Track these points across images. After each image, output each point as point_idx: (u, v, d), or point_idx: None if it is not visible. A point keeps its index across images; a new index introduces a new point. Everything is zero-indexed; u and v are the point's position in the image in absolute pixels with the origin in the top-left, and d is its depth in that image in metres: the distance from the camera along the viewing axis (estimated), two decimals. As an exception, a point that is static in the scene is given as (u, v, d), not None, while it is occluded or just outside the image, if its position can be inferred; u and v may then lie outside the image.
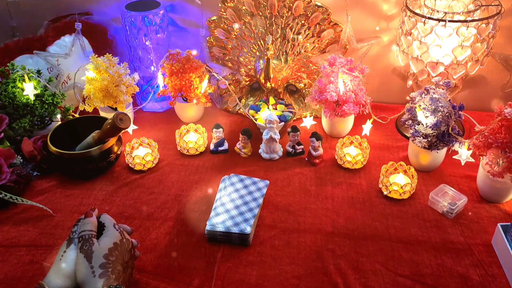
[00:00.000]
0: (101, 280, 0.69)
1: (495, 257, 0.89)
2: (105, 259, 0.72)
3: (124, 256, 0.76)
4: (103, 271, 0.70)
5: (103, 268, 0.71)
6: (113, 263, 0.72)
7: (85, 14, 1.39)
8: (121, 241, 0.76)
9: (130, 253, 0.78)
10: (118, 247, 0.75)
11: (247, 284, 0.85)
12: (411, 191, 1.04)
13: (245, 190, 1.03)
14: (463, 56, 1.10)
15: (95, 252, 0.72)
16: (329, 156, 1.18)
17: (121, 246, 0.76)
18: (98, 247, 0.73)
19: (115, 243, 0.75)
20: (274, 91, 1.31)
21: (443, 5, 1.18)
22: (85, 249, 0.72)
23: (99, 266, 0.71)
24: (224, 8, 1.27)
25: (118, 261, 0.74)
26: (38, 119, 1.17)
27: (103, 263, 0.71)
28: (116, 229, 0.77)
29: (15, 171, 1.04)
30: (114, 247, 0.74)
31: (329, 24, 1.24)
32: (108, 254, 0.73)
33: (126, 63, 1.24)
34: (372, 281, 0.85)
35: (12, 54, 1.24)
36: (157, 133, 1.29)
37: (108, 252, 0.73)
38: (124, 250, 0.76)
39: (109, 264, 0.72)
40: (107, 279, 0.70)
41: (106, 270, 0.71)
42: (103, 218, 0.79)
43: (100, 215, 0.80)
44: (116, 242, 0.75)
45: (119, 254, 0.74)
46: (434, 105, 1.02)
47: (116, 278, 0.71)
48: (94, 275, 0.70)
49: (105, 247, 0.73)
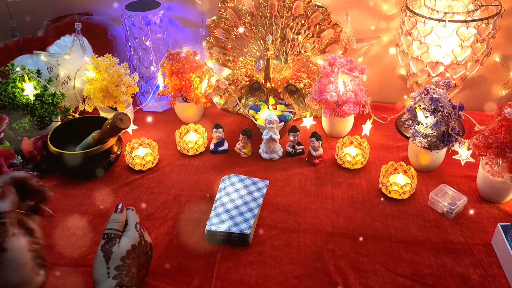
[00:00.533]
0: (114, 281, 0.69)
1: (495, 257, 0.89)
2: (122, 262, 0.71)
3: (140, 258, 0.76)
4: (118, 273, 0.70)
5: (118, 270, 0.71)
6: (129, 266, 0.72)
7: (85, 14, 1.39)
8: (139, 243, 0.76)
9: (146, 255, 0.78)
10: (136, 249, 0.75)
11: (247, 284, 0.85)
12: (411, 191, 1.04)
13: (245, 190, 1.03)
14: (463, 56, 1.10)
15: (114, 254, 0.72)
16: (329, 156, 1.18)
17: (139, 248, 0.75)
18: (117, 249, 0.72)
19: (133, 245, 0.74)
20: (274, 91, 1.31)
21: (443, 5, 1.18)
22: (106, 248, 0.72)
23: (115, 268, 0.71)
24: (224, 8, 1.27)
25: (134, 263, 0.74)
26: (38, 119, 1.17)
27: (119, 265, 0.71)
28: (137, 230, 0.76)
29: (15, 171, 1.04)
30: (132, 249, 0.74)
31: (329, 24, 1.24)
32: (125, 256, 0.72)
33: (126, 63, 1.24)
34: (372, 281, 0.85)
35: (12, 54, 1.24)
36: (157, 133, 1.29)
37: (125, 254, 0.72)
38: (141, 252, 0.76)
39: (124, 266, 0.71)
40: (120, 281, 0.70)
41: (121, 272, 0.71)
42: (128, 214, 0.78)
43: (127, 209, 0.79)
44: (134, 244, 0.75)
45: (136, 256, 0.74)
46: (434, 105, 1.02)
47: (129, 280, 0.71)
48: (109, 276, 0.70)
49: (123, 249, 0.73)
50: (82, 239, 0.94)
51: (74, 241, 0.94)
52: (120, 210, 0.77)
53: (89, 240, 0.94)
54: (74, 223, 0.98)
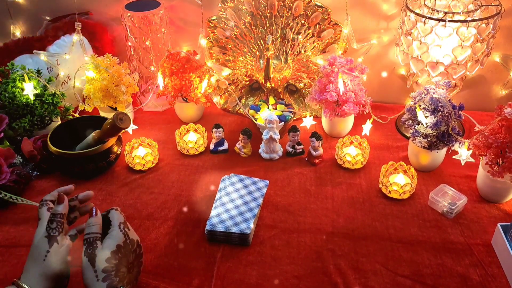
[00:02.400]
0: (104, 284, 0.69)
1: (495, 257, 0.89)
2: (108, 263, 0.71)
3: (129, 257, 0.75)
4: (106, 275, 0.70)
5: (105, 272, 0.70)
6: (116, 266, 0.72)
7: (85, 14, 1.39)
8: (124, 242, 0.75)
9: (135, 253, 0.77)
10: (122, 249, 0.74)
11: (247, 284, 0.85)
12: (411, 191, 1.04)
13: (245, 190, 1.03)
14: (463, 56, 1.10)
15: (97, 257, 0.71)
16: (329, 156, 1.18)
17: (125, 247, 0.75)
18: (101, 251, 0.72)
19: (118, 245, 0.74)
20: (274, 91, 1.31)
21: (443, 5, 1.18)
22: (89, 252, 0.72)
23: (102, 271, 0.70)
24: (224, 8, 1.27)
25: (122, 263, 0.73)
26: (38, 119, 1.17)
27: (105, 267, 0.71)
28: (121, 230, 0.76)
29: (15, 171, 1.04)
30: (117, 250, 0.73)
31: (329, 24, 1.24)
32: (110, 257, 0.72)
33: (126, 63, 1.24)
34: (372, 281, 0.85)
35: (12, 54, 1.24)
36: (157, 133, 1.29)
37: (110, 255, 0.72)
38: (128, 251, 0.75)
39: (112, 267, 0.71)
40: (110, 282, 0.70)
41: (109, 273, 0.71)
42: (111, 215, 0.78)
43: (110, 210, 0.79)
44: (119, 244, 0.74)
45: (123, 256, 0.74)
46: (434, 105, 1.02)
47: (120, 280, 0.71)
48: (97, 279, 0.70)
49: (107, 250, 0.72)
50: (82, 239, 0.94)
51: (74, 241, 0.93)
52: (95, 213, 0.77)
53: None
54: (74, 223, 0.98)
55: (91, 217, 0.77)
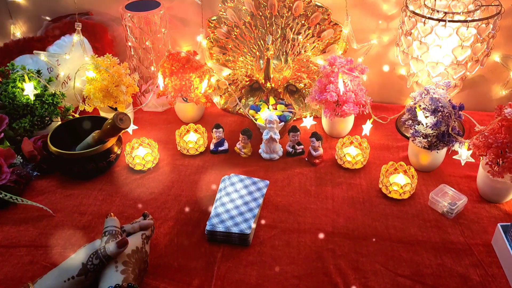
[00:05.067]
0: (122, 276, 0.72)
1: (495, 257, 0.89)
2: (127, 258, 0.75)
3: (140, 264, 0.79)
4: (125, 268, 0.74)
5: (125, 265, 0.74)
6: (133, 265, 0.75)
7: (85, 14, 1.39)
8: (141, 248, 0.80)
9: (145, 264, 0.81)
10: (138, 252, 0.78)
11: (247, 284, 0.85)
12: (411, 191, 1.04)
13: (245, 190, 1.03)
14: (463, 56, 1.10)
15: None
16: (329, 156, 1.18)
17: (140, 252, 0.79)
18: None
19: (137, 247, 0.79)
20: (274, 91, 1.31)
21: (443, 5, 1.18)
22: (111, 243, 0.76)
23: (122, 263, 0.74)
24: (224, 8, 1.27)
25: (136, 265, 0.77)
26: (38, 119, 1.17)
27: (125, 261, 0.75)
28: (141, 237, 0.82)
29: (15, 171, 1.04)
30: (136, 251, 0.78)
31: (329, 24, 1.24)
32: (130, 254, 0.76)
33: (126, 63, 1.24)
34: (372, 281, 0.85)
35: (12, 54, 1.24)
36: (157, 133, 1.29)
37: (130, 252, 0.77)
38: (141, 258, 0.79)
39: (130, 263, 0.75)
40: (127, 277, 0.72)
41: (127, 268, 0.74)
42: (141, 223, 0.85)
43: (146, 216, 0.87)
44: (138, 246, 0.79)
45: (138, 260, 0.78)
46: (434, 105, 1.02)
47: (134, 279, 0.74)
48: (116, 270, 0.73)
49: (129, 247, 0.77)
50: (82, 239, 0.94)
51: (74, 241, 0.94)
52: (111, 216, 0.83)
53: (89, 240, 0.93)
54: (74, 223, 0.98)
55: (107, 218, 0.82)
